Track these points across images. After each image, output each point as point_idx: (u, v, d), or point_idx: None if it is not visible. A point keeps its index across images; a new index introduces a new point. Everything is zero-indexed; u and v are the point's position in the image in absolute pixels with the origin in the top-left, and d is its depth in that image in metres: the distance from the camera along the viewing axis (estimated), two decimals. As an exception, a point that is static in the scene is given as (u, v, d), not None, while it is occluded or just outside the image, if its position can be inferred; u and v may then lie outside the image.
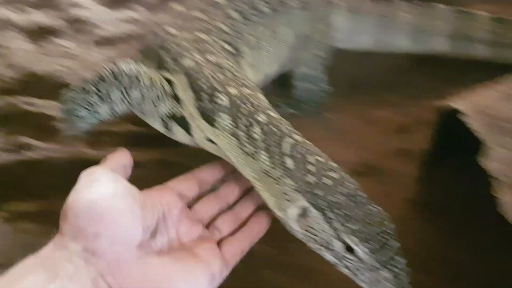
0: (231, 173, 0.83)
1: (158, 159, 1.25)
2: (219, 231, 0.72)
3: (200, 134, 0.87)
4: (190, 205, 0.75)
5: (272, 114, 0.81)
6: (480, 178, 0.84)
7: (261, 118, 0.79)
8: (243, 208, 0.78)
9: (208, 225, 0.73)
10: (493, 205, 0.79)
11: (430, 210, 1.07)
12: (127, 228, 0.57)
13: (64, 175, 1.14)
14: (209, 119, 0.84)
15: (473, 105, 0.92)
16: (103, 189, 0.58)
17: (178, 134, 0.92)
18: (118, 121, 1.32)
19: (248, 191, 0.81)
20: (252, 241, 0.74)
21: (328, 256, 0.70)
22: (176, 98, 0.92)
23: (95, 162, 1.17)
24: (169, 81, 0.94)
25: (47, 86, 1.48)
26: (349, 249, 0.67)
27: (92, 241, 0.55)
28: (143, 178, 0.80)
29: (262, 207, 0.80)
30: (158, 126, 0.95)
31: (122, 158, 0.68)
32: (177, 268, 0.60)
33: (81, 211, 0.56)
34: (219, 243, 0.71)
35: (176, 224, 0.67)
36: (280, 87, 1.42)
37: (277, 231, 0.78)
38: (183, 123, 0.91)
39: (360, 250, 0.67)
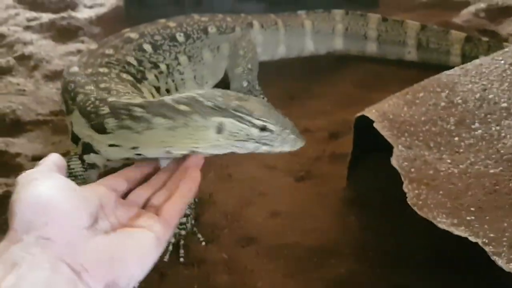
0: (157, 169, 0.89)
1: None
2: (154, 206, 0.76)
3: (103, 146, 1.00)
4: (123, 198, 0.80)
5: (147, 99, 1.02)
6: (396, 173, 0.99)
7: (138, 101, 0.95)
8: (173, 181, 0.81)
9: (144, 207, 0.77)
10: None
11: (357, 205, 1.22)
12: (73, 214, 0.62)
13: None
14: (102, 130, 0.98)
15: (383, 113, 1.07)
16: (44, 184, 0.62)
17: (94, 159, 1.06)
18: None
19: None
20: (187, 198, 0.78)
21: (250, 146, 0.87)
22: (74, 137, 1.08)
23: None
24: (71, 123, 1.10)
25: (1, 123, 1.55)
26: (262, 129, 0.86)
27: (43, 229, 0.59)
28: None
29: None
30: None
31: (54, 160, 0.71)
32: (124, 239, 0.66)
33: (28, 206, 0.60)
34: (157, 212, 0.75)
35: (114, 211, 0.72)
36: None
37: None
38: (90, 148, 1.04)
39: (270, 124, 0.86)
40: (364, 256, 1.10)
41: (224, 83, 1.60)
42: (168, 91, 1.37)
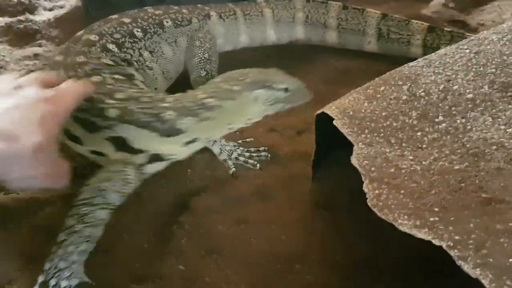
0: None
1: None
2: None
3: (177, 147, 1.05)
4: None
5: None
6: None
7: (202, 94, 1.05)
8: None
9: None
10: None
11: (324, 207, 1.16)
12: None
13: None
14: (176, 132, 1.02)
15: (343, 109, 1.01)
16: None
17: (156, 167, 1.08)
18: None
19: None
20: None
21: (279, 106, 1.07)
22: (132, 150, 1.03)
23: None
24: (118, 138, 1.03)
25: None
26: (286, 90, 1.06)
27: None
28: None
29: None
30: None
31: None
32: None
33: None
34: None
35: None
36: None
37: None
38: (157, 157, 1.05)
39: (290, 85, 1.08)
40: (332, 262, 1.04)
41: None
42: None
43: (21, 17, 2.11)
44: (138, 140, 1.02)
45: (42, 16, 2.16)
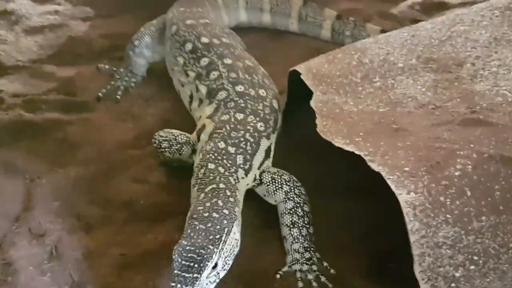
0: None
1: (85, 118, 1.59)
2: None
3: None
4: None
5: None
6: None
7: None
8: None
9: None
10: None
11: (295, 148, 1.47)
12: None
13: (8, 132, 1.48)
14: None
15: (309, 68, 1.34)
16: None
17: None
18: (53, 91, 1.66)
19: None
20: None
21: None
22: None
23: (31, 123, 1.51)
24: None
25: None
26: None
27: None
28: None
29: None
30: None
31: None
32: None
33: None
34: None
35: None
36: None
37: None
38: None
39: None
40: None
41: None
42: None
43: (42, -24, 2.38)
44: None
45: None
